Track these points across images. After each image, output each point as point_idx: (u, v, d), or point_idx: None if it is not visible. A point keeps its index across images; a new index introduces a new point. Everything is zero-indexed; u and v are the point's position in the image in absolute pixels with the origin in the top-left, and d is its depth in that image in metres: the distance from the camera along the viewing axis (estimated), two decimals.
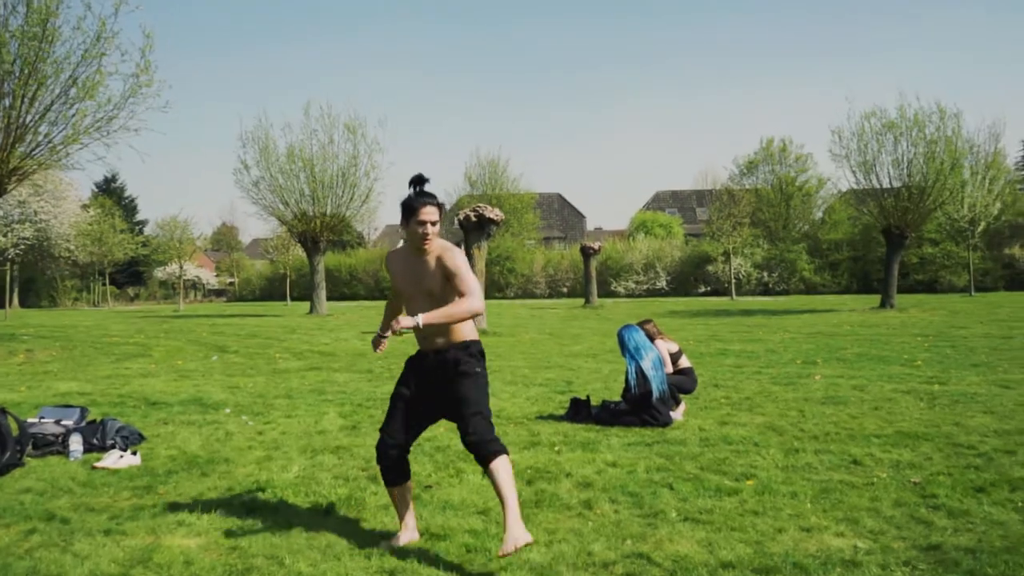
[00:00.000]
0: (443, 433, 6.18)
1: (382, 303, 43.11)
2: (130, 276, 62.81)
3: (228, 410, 7.29)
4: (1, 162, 11.38)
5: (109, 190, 64.92)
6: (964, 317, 19.72)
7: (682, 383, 7.02)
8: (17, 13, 11.05)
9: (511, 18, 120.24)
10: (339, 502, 4.38)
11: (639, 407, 6.43)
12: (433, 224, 3.51)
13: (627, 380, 6.53)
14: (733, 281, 38.95)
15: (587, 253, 30.14)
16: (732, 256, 41.11)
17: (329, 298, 48.23)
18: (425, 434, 6.14)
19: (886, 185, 22.69)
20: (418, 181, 3.58)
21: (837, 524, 3.88)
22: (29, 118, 11.75)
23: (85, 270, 50.74)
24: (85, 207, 49.11)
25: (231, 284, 62.73)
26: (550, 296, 45.18)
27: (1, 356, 11.77)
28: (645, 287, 44.22)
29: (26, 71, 11.10)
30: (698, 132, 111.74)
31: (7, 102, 11.29)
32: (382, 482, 3.84)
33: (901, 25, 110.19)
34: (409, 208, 3.51)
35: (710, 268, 42.46)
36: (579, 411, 6.78)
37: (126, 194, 67.43)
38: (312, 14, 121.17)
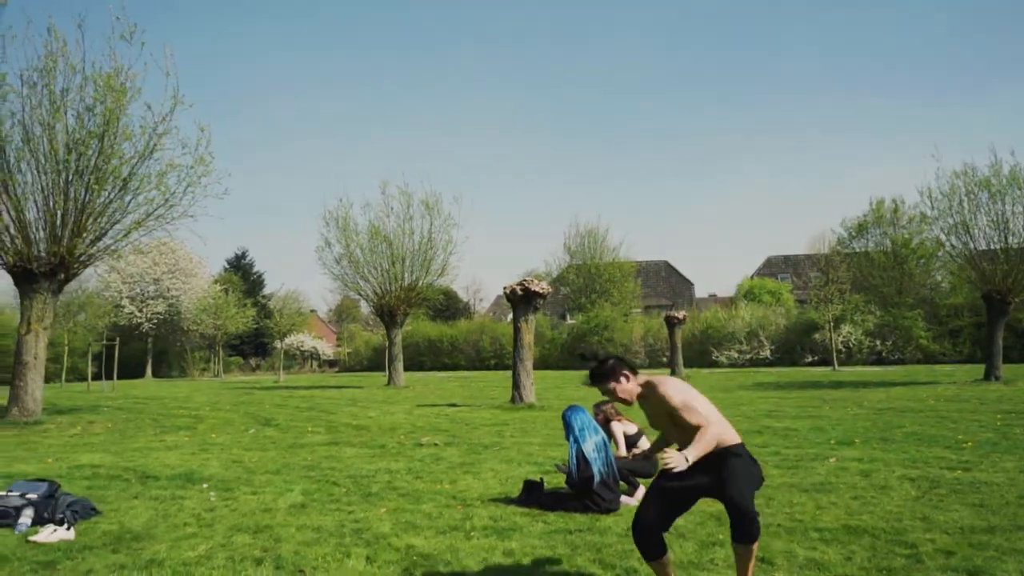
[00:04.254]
0: (368, 516, 6.19)
1: (482, 373, 43.51)
2: (256, 347, 66.58)
3: (206, 485, 7.57)
4: (69, 252, 12.61)
5: (239, 266, 69.72)
6: None
7: (638, 467, 6.74)
8: (83, 117, 12.40)
9: (616, 88, 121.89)
10: None
11: (581, 492, 6.22)
12: (606, 393, 4.01)
13: (568, 464, 6.35)
14: (835, 350, 36.99)
15: (672, 323, 29.53)
16: (840, 324, 39.16)
17: (431, 367, 49.44)
18: (348, 517, 6.20)
19: (983, 247, 21.15)
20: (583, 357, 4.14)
21: None
22: (98, 206, 12.97)
23: (211, 342, 54.24)
24: (215, 283, 52.91)
25: (350, 354, 65.17)
26: (650, 366, 44.22)
27: (63, 427, 12.75)
28: (748, 356, 42.59)
29: (88, 169, 12.37)
30: (813, 194, 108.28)
31: (72, 195, 12.56)
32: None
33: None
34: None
35: (816, 336, 40.50)
36: (531, 494, 6.62)
37: (254, 269, 72.22)
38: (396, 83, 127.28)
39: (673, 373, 29.53)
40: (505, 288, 15.84)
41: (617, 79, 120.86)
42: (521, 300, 15.67)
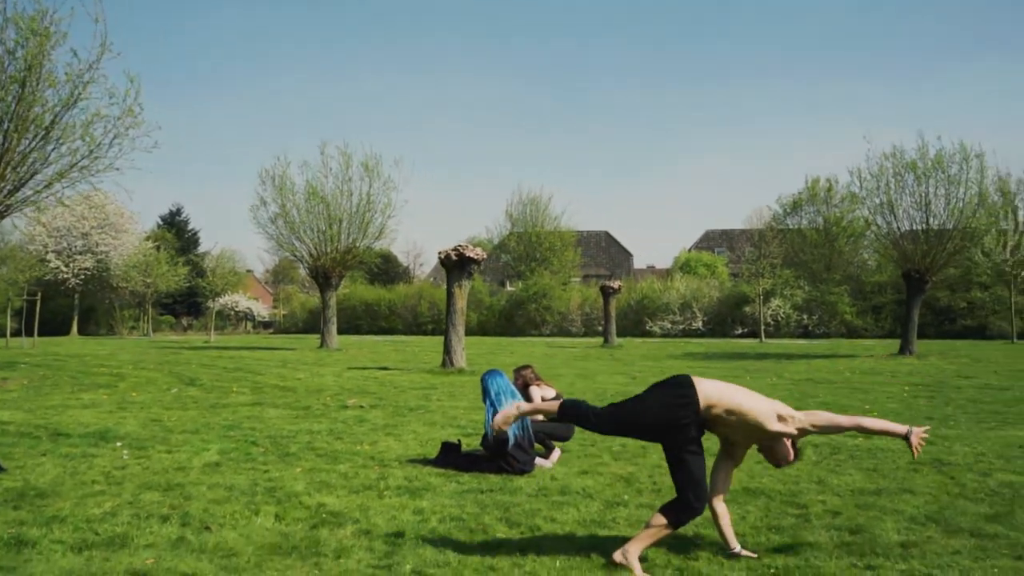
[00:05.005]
0: (282, 476, 6.20)
1: (418, 337, 43.45)
2: (189, 306, 65.07)
3: (120, 443, 7.46)
4: None
5: (173, 223, 67.76)
6: (983, 366, 18.78)
7: (554, 430, 6.90)
8: (3, 60, 11.82)
9: (564, 58, 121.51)
10: (107, 540, 4.42)
11: (496, 454, 6.34)
12: None
13: (485, 426, 6.46)
14: (763, 323, 38.12)
15: (606, 292, 29.97)
16: (770, 298, 40.29)
17: (367, 331, 49.11)
18: (262, 476, 6.18)
19: (906, 228, 21.98)
20: None
21: None
22: (16, 156, 12.44)
23: (141, 299, 52.83)
24: (148, 239, 51.37)
25: (286, 316, 64.19)
26: (585, 335, 44.83)
27: None
28: (681, 327, 43.52)
29: (8, 115, 11.83)
30: (753, 170, 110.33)
31: None
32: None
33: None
34: None
35: (747, 309, 41.60)
36: (447, 455, 6.71)
37: (189, 227, 70.25)
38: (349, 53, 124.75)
39: (606, 342, 30.00)
40: (440, 253, 15.84)
41: (564, 54, 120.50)
42: (456, 265, 15.71)
